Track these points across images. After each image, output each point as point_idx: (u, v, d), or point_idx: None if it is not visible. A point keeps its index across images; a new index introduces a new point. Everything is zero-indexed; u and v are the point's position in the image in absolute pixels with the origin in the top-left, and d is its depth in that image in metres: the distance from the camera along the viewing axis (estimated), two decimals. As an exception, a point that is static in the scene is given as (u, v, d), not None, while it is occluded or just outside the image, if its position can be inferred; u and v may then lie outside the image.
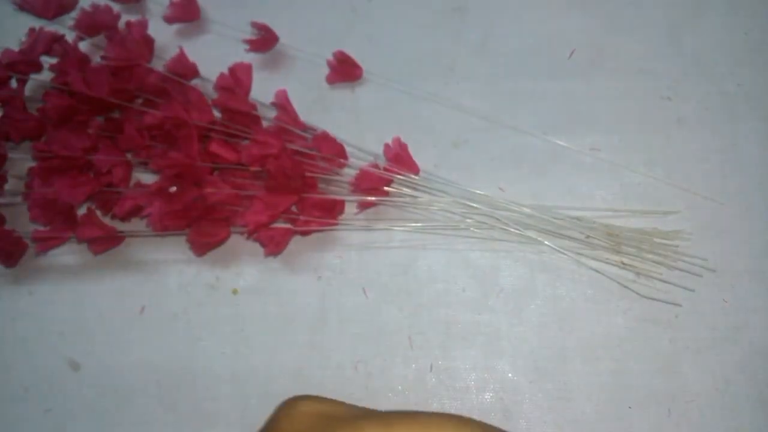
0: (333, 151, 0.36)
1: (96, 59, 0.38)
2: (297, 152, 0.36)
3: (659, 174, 0.37)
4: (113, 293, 0.37)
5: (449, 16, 0.41)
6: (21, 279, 0.37)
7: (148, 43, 0.39)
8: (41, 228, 0.36)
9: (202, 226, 0.35)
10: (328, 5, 0.42)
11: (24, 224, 0.37)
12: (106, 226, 0.36)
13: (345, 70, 0.39)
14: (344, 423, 0.23)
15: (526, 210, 0.36)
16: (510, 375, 0.34)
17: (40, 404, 0.35)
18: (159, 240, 0.37)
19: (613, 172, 0.37)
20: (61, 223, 0.36)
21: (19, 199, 0.37)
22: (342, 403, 0.25)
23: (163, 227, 0.34)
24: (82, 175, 0.36)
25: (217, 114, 0.37)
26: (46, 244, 0.36)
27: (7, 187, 0.37)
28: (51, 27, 0.39)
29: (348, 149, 0.37)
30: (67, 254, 0.37)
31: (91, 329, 0.36)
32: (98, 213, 0.37)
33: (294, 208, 0.36)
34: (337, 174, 0.37)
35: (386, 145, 0.36)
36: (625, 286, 0.35)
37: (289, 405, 0.24)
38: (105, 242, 0.37)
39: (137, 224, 0.37)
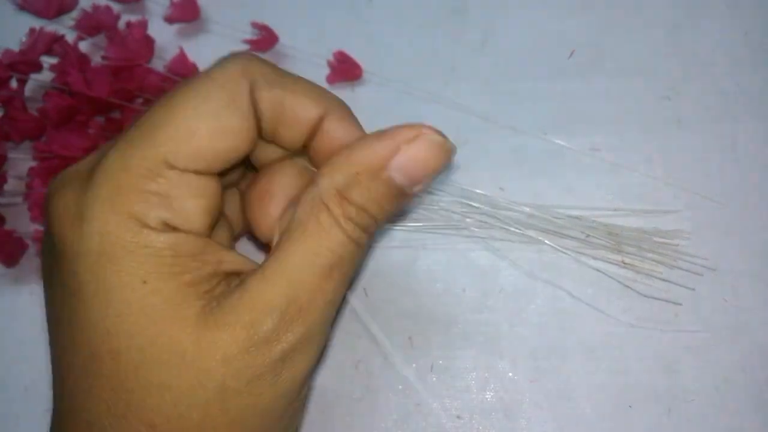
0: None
1: (96, 59, 0.38)
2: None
3: (659, 174, 0.37)
4: (113, 293, 0.37)
5: (449, 16, 0.41)
6: (21, 279, 0.37)
7: (149, 42, 0.39)
8: (41, 227, 0.36)
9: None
10: (328, 5, 0.42)
11: (24, 224, 0.37)
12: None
13: (345, 70, 0.39)
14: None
15: (527, 209, 0.36)
16: (510, 375, 0.34)
17: (40, 404, 0.35)
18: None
19: (613, 172, 0.37)
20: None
21: (19, 199, 0.37)
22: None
23: None
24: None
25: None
26: None
27: (7, 187, 0.37)
28: (51, 27, 0.39)
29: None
30: (68, 254, 0.37)
31: (91, 329, 0.36)
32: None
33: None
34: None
35: None
36: (626, 286, 0.35)
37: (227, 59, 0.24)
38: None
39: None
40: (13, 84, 0.38)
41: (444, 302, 0.36)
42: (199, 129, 0.21)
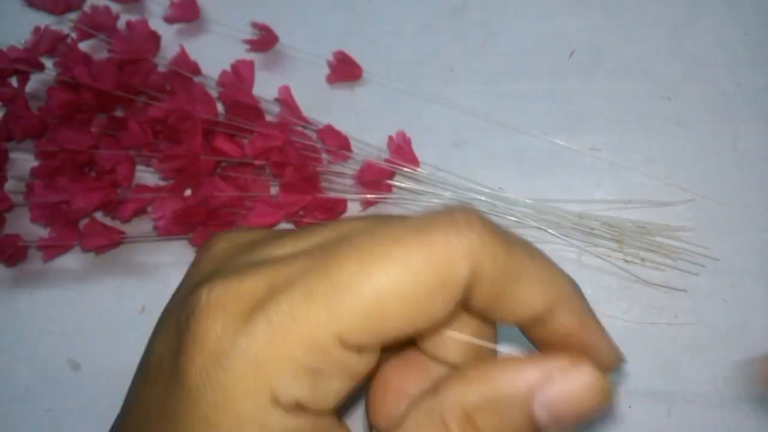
0: (338, 143, 0.36)
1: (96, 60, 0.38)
2: (302, 146, 0.36)
3: (659, 174, 0.37)
4: (113, 293, 0.37)
5: (449, 16, 0.41)
6: (21, 279, 0.37)
7: (155, 38, 0.39)
8: (42, 226, 0.36)
9: (208, 229, 0.35)
10: (328, 5, 0.42)
11: (24, 223, 0.37)
12: (109, 232, 0.36)
13: (345, 70, 0.39)
14: (264, 241, 0.20)
15: (527, 210, 0.36)
16: (510, 375, 0.34)
17: (40, 404, 0.35)
18: (159, 240, 0.37)
19: (613, 171, 0.37)
20: (62, 224, 0.36)
21: (20, 198, 0.37)
22: (265, 230, 0.22)
23: (169, 233, 0.34)
24: (88, 176, 0.36)
25: (220, 110, 0.37)
26: (52, 251, 0.36)
27: (7, 186, 0.37)
28: (55, 27, 0.39)
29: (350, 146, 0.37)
30: (68, 254, 0.37)
31: (91, 329, 0.36)
32: (100, 212, 0.37)
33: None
34: (342, 166, 0.37)
35: (390, 138, 0.37)
36: (626, 286, 0.35)
37: (207, 244, 0.21)
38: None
39: (140, 228, 0.37)
40: (14, 84, 0.38)
41: (444, 302, 0.35)
42: (395, 311, 0.17)
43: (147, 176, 0.38)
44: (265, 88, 0.38)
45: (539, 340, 0.20)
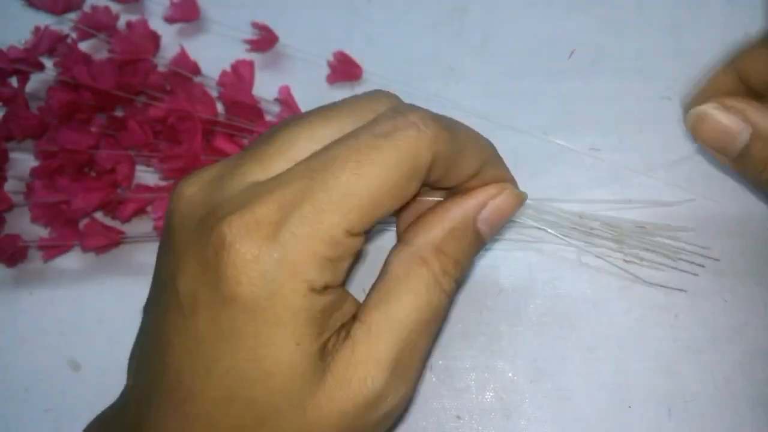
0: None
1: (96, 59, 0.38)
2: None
3: (659, 174, 0.37)
4: (114, 293, 0.37)
5: (449, 16, 0.41)
6: (21, 279, 0.37)
7: (155, 37, 0.39)
8: (42, 226, 0.36)
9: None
10: (328, 5, 0.42)
11: (24, 223, 0.37)
12: (109, 232, 0.36)
13: (345, 70, 0.39)
14: (228, 173, 0.23)
15: (526, 210, 0.36)
16: (510, 375, 0.34)
17: (40, 404, 0.35)
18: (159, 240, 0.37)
19: (613, 172, 0.37)
20: (62, 224, 0.36)
21: (20, 198, 0.37)
22: (215, 164, 0.25)
23: None
24: (88, 176, 0.36)
25: (220, 110, 0.37)
26: (52, 251, 0.36)
27: (7, 186, 0.37)
28: (55, 27, 0.39)
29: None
30: (68, 254, 0.37)
31: (91, 329, 0.36)
32: (100, 212, 0.37)
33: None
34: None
35: None
36: (626, 286, 0.35)
37: (174, 195, 0.24)
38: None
39: (140, 228, 0.37)
40: (15, 84, 0.38)
41: (444, 302, 0.35)
42: (385, 200, 0.22)
43: (147, 176, 0.38)
44: (265, 88, 0.38)
45: (470, 188, 0.26)
